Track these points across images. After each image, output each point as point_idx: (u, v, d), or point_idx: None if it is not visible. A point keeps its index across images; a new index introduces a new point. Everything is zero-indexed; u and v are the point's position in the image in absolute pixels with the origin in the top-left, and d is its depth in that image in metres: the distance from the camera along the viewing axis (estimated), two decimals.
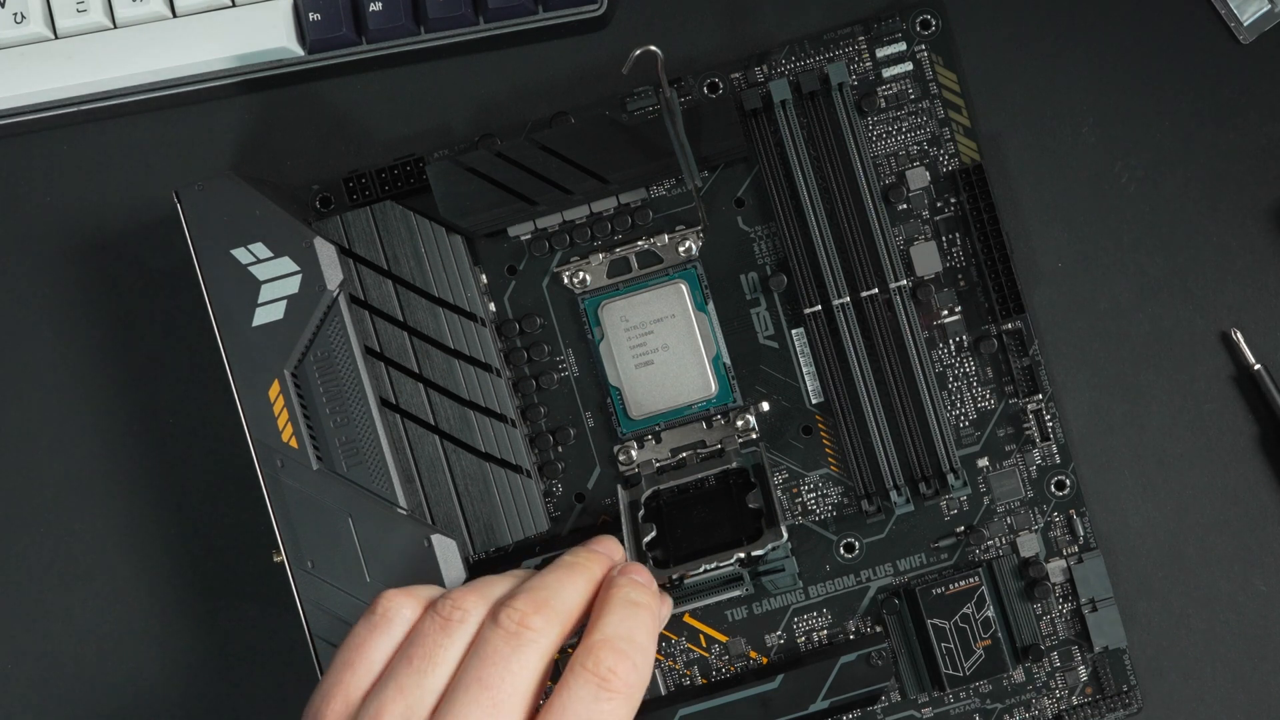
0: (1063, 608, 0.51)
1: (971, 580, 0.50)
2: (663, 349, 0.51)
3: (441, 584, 0.48)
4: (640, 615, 0.44)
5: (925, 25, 0.51)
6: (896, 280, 0.50)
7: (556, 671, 0.43)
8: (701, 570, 0.47)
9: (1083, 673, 0.51)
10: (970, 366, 0.51)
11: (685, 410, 0.51)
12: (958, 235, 0.51)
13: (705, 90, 0.52)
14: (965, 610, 0.49)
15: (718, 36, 0.54)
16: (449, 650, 0.42)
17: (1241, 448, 0.53)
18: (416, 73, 0.55)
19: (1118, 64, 0.54)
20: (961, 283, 0.51)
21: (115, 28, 0.53)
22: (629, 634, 0.43)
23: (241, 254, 0.49)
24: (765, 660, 0.52)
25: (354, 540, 0.48)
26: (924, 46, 0.51)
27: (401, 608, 0.43)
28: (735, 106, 0.50)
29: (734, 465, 0.50)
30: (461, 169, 0.49)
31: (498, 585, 0.45)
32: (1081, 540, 0.51)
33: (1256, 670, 0.52)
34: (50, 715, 0.54)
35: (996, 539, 0.51)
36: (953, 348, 0.51)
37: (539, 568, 0.46)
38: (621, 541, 0.48)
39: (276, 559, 0.49)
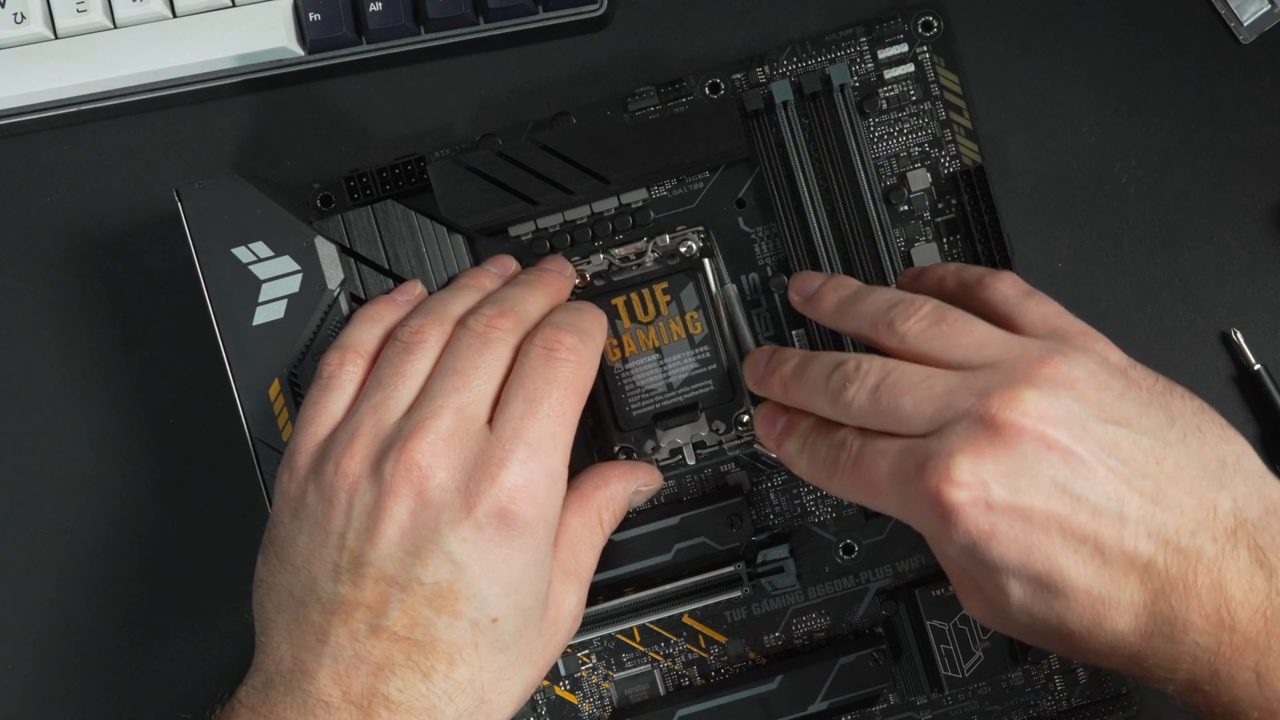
0: None
1: None
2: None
3: None
4: (584, 313, 0.47)
5: (927, 27, 0.51)
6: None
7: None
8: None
9: (1081, 675, 0.51)
10: None
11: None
12: (959, 237, 0.51)
13: (707, 91, 0.51)
14: (965, 611, 0.49)
15: (719, 37, 0.54)
16: (415, 365, 0.45)
17: None
18: (416, 73, 0.55)
19: (1118, 64, 0.54)
20: None
21: (115, 28, 0.53)
22: (573, 320, 0.46)
23: (242, 253, 0.49)
24: (765, 661, 0.52)
25: None
26: (926, 48, 0.51)
27: (343, 361, 0.46)
28: (737, 107, 0.50)
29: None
30: (462, 168, 0.49)
31: (446, 302, 0.47)
32: None
33: None
34: (50, 715, 0.54)
35: None
36: None
37: None
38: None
39: None
